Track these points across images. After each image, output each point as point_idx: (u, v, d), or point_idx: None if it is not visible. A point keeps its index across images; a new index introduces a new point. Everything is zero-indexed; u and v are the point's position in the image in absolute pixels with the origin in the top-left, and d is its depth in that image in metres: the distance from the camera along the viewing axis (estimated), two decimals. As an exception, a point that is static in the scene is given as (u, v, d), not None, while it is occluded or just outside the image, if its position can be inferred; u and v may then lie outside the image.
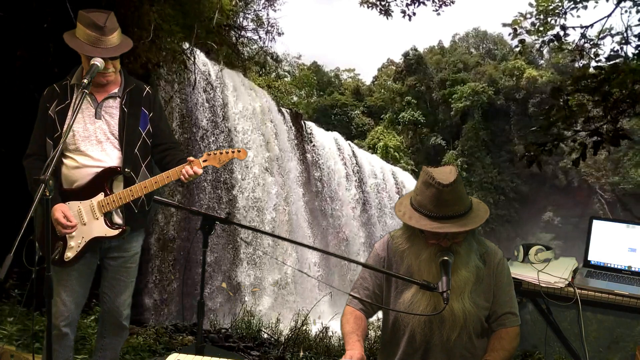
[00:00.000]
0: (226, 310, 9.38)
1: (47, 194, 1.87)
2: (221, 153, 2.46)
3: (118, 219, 2.49)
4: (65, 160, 2.44)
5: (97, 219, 2.42)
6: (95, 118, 2.46)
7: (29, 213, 1.83)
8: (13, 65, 5.99)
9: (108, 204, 2.42)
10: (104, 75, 2.40)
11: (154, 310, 9.27)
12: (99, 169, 2.42)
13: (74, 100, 2.41)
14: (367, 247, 16.85)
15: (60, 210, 2.35)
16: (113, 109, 2.49)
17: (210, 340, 4.33)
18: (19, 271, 2.56)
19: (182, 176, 2.40)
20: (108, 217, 2.45)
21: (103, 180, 2.42)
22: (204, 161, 2.45)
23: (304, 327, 4.70)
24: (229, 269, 11.14)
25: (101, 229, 2.43)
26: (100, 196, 2.42)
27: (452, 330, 1.99)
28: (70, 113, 2.41)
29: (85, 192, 2.42)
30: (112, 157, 2.45)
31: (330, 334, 4.86)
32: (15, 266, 2.25)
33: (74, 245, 2.40)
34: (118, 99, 2.50)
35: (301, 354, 4.12)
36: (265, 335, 4.92)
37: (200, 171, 2.42)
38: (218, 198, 11.12)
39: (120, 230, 2.45)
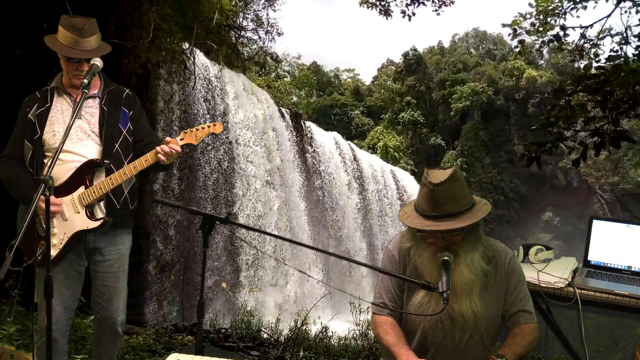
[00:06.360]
0: (226, 310, 9.37)
1: (47, 194, 1.88)
2: (197, 129, 2.48)
3: (100, 213, 2.46)
4: (47, 161, 2.44)
5: (79, 212, 2.40)
6: (76, 117, 2.45)
7: (29, 212, 1.83)
8: (13, 65, 5.99)
9: (89, 195, 2.40)
10: (79, 77, 2.44)
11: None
12: (79, 163, 2.42)
13: (75, 100, 2.39)
14: (369, 259, 16.89)
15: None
16: (93, 108, 2.53)
17: (210, 340, 4.33)
18: (18, 271, 2.54)
19: (160, 156, 2.38)
20: (90, 210, 2.43)
21: (83, 174, 2.42)
22: (181, 139, 2.45)
23: (304, 327, 4.69)
24: (230, 291, 11.10)
25: (82, 222, 2.40)
26: (81, 189, 2.41)
27: (463, 331, 1.99)
28: (70, 113, 2.42)
29: (67, 187, 2.41)
30: (92, 152, 2.47)
31: (330, 334, 4.86)
32: (15, 266, 2.25)
33: (57, 242, 2.37)
34: (97, 99, 2.54)
35: (301, 354, 4.12)
36: (265, 335, 4.92)
37: (178, 148, 2.41)
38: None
39: (102, 221, 2.41)
